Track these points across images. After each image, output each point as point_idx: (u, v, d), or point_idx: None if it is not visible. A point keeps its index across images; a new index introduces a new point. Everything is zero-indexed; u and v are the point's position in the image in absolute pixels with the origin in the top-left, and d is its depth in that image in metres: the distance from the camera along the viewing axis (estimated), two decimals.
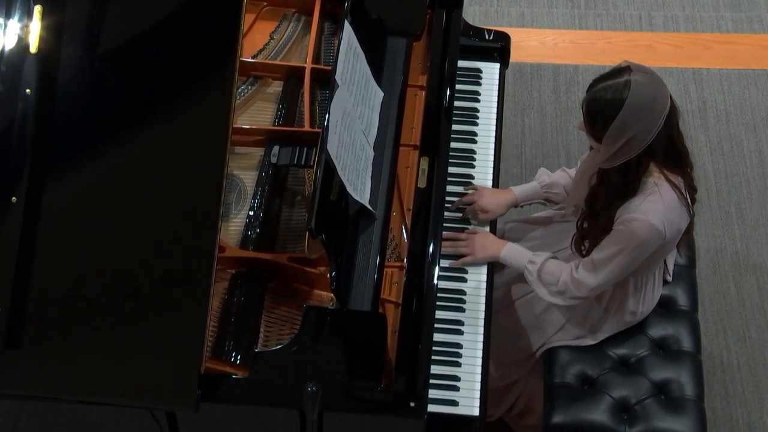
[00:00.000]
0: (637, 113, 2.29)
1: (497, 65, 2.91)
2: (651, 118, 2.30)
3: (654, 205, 2.37)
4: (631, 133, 2.30)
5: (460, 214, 2.67)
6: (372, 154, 2.53)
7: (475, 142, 2.78)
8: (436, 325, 2.37)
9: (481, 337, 2.46)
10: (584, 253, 2.54)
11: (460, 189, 2.70)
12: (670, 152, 2.39)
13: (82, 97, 2.35)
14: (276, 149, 2.55)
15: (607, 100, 2.31)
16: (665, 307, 2.77)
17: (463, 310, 2.51)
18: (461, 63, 2.80)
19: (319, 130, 2.33)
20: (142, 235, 2.24)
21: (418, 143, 2.62)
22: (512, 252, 2.56)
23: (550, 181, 2.72)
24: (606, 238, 2.44)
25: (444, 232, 2.54)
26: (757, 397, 3.15)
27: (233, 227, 2.51)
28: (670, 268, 2.74)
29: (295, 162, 2.54)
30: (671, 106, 2.33)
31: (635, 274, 2.58)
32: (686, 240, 2.62)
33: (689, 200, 2.44)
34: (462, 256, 2.56)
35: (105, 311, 2.19)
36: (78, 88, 2.36)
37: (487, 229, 2.65)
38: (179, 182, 2.28)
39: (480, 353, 2.44)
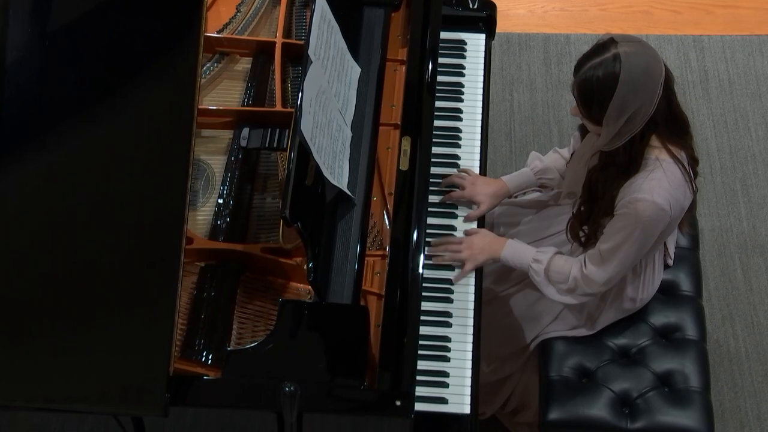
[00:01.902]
0: (634, 86, 2.30)
1: (483, 36, 2.91)
2: (649, 89, 2.31)
3: (657, 183, 2.38)
4: (632, 108, 2.31)
5: (448, 199, 2.66)
6: (350, 134, 2.53)
7: (460, 119, 2.79)
8: (422, 318, 2.37)
9: (470, 330, 2.47)
10: (582, 239, 2.55)
11: (444, 170, 2.71)
12: (670, 120, 2.40)
13: (31, 79, 2.33)
14: (245, 131, 2.55)
15: (600, 78, 2.31)
16: (667, 293, 2.79)
17: (450, 301, 2.52)
18: (444, 34, 2.80)
19: (292, 110, 2.33)
20: (101, 228, 2.23)
21: (399, 122, 2.62)
22: (513, 251, 2.56)
23: (543, 166, 2.73)
24: (609, 225, 2.45)
25: (433, 240, 2.54)
26: (767, 387, 3.18)
27: (201, 217, 2.51)
28: (671, 250, 2.76)
29: (266, 145, 2.54)
30: (666, 71, 2.35)
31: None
32: (689, 218, 2.64)
33: (692, 174, 2.46)
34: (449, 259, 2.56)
35: (62, 310, 2.18)
36: (27, 70, 2.34)
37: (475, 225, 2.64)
38: (141, 169, 2.27)
39: (470, 347, 2.45)
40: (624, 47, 2.31)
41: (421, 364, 2.34)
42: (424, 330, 2.40)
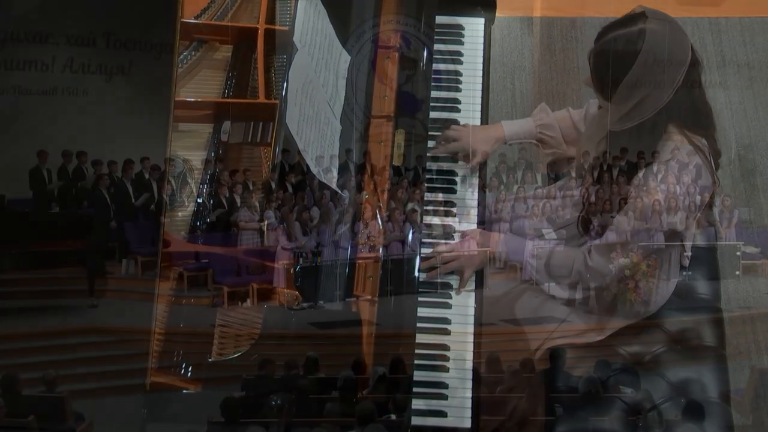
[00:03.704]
0: (652, 68, 2.30)
1: (482, 20, 2.92)
2: (668, 75, 2.32)
3: (674, 173, 2.38)
4: (645, 91, 2.32)
5: (443, 196, 2.67)
6: (339, 127, 2.54)
7: (458, 110, 2.80)
8: (418, 325, 2.38)
9: (471, 337, 2.48)
10: (593, 233, 2.56)
11: (441, 165, 2.71)
12: (691, 112, 2.41)
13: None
14: (226, 125, 2.56)
15: (618, 52, 2.32)
16: (682, 296, 2.79)
17: (449, 306, 2.52)
18: (440, 19, 2.81)
19: (277, 102, 2.33)
20: (70, 229, 2.23)
21: (392, 114, 2.63)
22: (508, 248, 2.57)
23: (548, 121, 2.74)
24: (619, 215, 2.45)
25: (424, 255, 2.55)
26: None
27: (179, 217, 2.51)
28: (688, 249, 2.77)
29: (249, 139, 2.54)
30: (693, 59, 2.35)
31: (646, 257, 2.60)
32: (708, 214, 2.65)
33: (713, 166, 2.47)
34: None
35: (30, 318, 2.18)
36: None
37: (475, 213, 2.65)
38: (116, 166, 2.27)
39: (470, 356, 2.46)
40: (652, 24, 2.31)
41: (418, 375, 2.35)
42: (420, 338, 2.40)
